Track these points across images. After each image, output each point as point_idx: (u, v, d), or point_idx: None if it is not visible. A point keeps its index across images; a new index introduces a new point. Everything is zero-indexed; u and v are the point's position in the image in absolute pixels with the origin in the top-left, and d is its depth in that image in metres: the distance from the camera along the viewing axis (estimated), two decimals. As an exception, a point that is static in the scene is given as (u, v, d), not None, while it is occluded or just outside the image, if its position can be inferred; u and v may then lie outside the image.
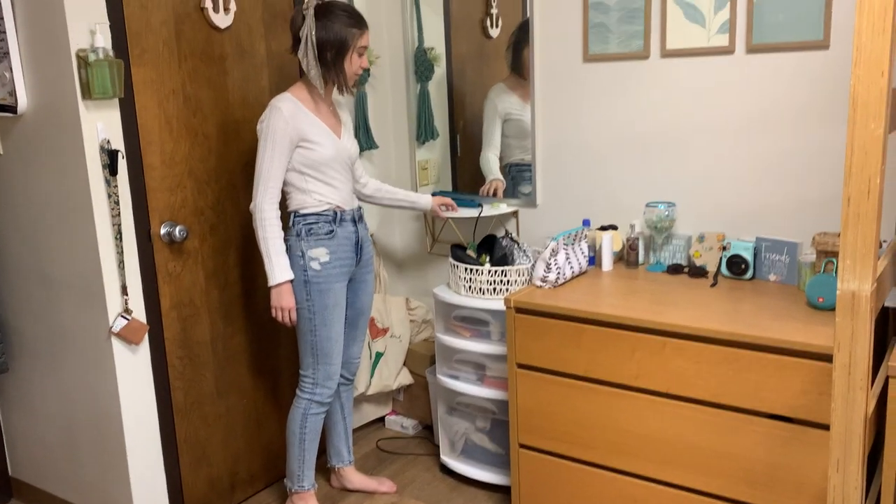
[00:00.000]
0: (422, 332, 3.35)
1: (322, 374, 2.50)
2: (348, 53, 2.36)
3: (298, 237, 2.40)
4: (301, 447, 2.55)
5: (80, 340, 2.43)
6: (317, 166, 2.38)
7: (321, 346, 2.47)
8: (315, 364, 2.49)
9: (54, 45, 2.17)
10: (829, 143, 2.36)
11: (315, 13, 2.31)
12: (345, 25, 2.34)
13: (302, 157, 2.36)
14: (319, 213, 2.41)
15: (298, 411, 2.53)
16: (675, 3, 2.52)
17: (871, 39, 1.37)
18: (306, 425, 2.53)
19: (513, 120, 2.96)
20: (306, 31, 2.31)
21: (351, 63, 2.39)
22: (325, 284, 2.42)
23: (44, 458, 2.73)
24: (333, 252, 2.43)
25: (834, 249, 2.17)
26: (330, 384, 2.52)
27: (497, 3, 2.95)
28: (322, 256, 2.41)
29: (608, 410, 2.26)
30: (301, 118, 2.34)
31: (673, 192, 2.67)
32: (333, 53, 2.35)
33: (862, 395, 1.51)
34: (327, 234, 2.41)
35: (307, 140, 2.34)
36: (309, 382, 2.51)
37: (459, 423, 2.87)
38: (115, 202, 2.27)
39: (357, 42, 2.37)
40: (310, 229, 2.40)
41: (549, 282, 2.48)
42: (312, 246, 2.40)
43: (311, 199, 2.40)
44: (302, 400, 2.53)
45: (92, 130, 2.21)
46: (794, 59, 2.37)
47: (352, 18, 2.36)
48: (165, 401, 2.51)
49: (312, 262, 2.39)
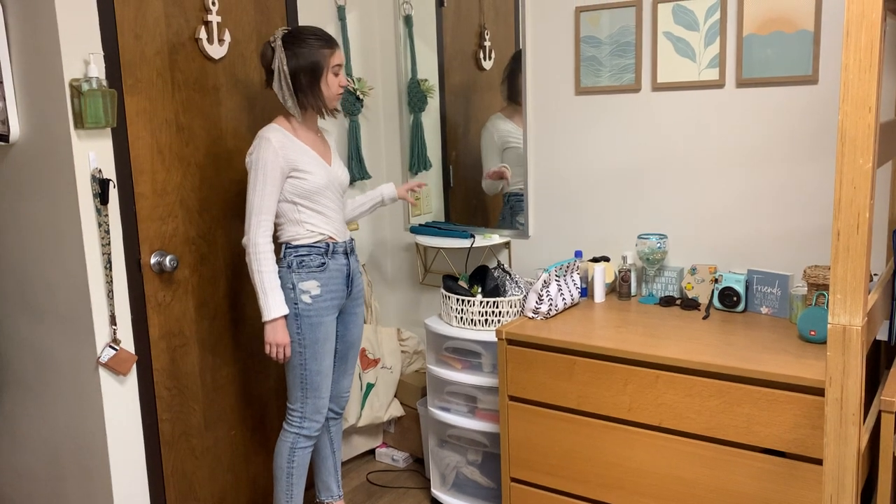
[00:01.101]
0: (413, 363, 3.33)
1: (310, 408, 2.47)
2: (323, 75, 2.35)
3: (290, 269, 2.37)
4: (289, 481, 2.51)
5: (67, 370, 2.40)
6: (309, 195, 2.36)
7: (311, 380, 2.44)
8: (304, 398, 2.45)
9: (48, 74, 2.18)
10: (820, 176, 2.38)
11: (283, 43, 2.32)
12: (315, 48, 2.33)
13: (293, 188, 2.34)
14: (311, 245, 2.39)
15: (286, 445, 2.50)
16: (665, 37, 2.55)
17: (857, 75, 1.39)
18: (294, 459, 2.49)
19: (511, 148, 2.98)
20: (277, 62, 2.32)
21: (328, 84, 2.37)
22: (315, 318, 2.39)
23: (28, 490, 2.68)
24: (325, 285, 2.40)
25: (825, 282, 2.17)
26: (318, 418, 2.49)
27: (490, 37, 2.98)
28: (313, 289, 2.38)
29: (600, 444, 2.24)
30: (291, 147, 2.33)
31: (665, 225, 2.67)
32: (309, 78, 2.33)
33: (854, 430, 1.49)
34: (319, 267, 2.39)
35: (298, 170, 2.33)
36: (297, 416, 2.48)
37: (451, 457, 2.84)
38: (105, 231, 2.26)
39: (330, 61, 2.35)
40: (301, 261, 2.37)
41: (541, 313, 2.47)
42: (304, 279, 2.37)
43: (303, 229, 2.38)
44: (289, 434, 2.49)
45: (84, 160, 2.21)
46: (783, 93, 2.40)
47: (321, 40, 2.35)
48: (153, 433, 2.48)
49: (303, 296, 2.37)
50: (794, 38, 2.34)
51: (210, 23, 2.52)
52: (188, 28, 2.48)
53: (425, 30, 3.14)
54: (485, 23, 2.98)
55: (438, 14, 3.10)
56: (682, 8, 2.50)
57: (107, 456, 2.36)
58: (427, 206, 3.29)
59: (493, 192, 2.75)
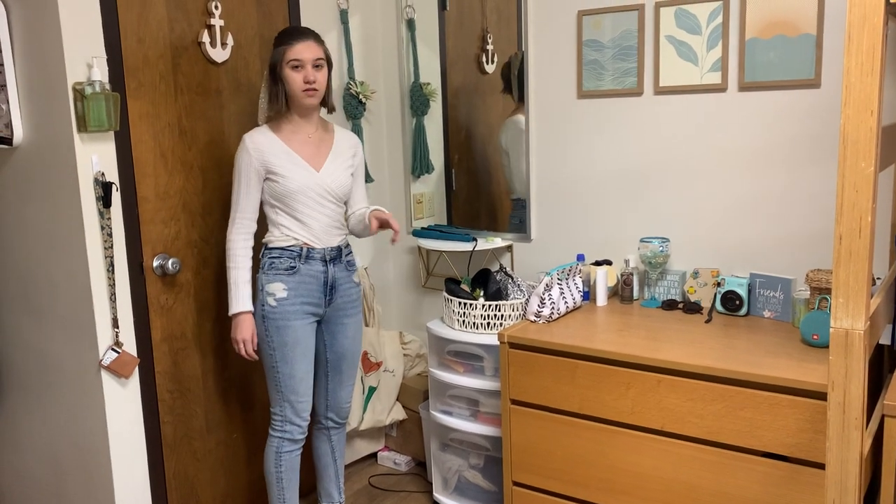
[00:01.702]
0: (415, 366, 3.33)
1: (289, 411, 2.44)
2: (280, 71, 2.33)
3: (262, 270, 2.39)
4: (279, 486, 2.50)
5: (70, 373, 2.41)
6: (282, 199, 2.36)
7: (285, 383, 2.42)
8: (281, 401, 2.44)
9: (51, 77, 2.18)
10: (822, 180, 2.37)
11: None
12: (274, 47, 2.36)
13: (269, 189, 2.37)
14: (284, 248, 2.38)
15: (271, 450, 2.48)
16: (667, 41, 2.55)
17: (859, 79, 1.39)
18: (281, 464, 2.48)
19: None
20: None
21: (287, 80, 2.33)
22: (281, 321, 2.37)
23: (30, 493, 2.68)
24: (292, 289, 2.37)
25: (828, 286, 2.16)
26: (298, 421, 2.46)
27: (492, 40, 2.98)
28: (278, 292, 2.37)
29: (602, 447, 2.24)
30: (268, 150, 2.33)
31: (667, 228, 2.67)
32: (273, 78, 2.36)
33: (857, 435, 1.49)
34: (287, 270, 2.37)
35: (272, 172, 2.34)
36: (278, 420, 2.46)
37: (453, 460, 2.83)
38: (108, 234, 2.26)
39: (286, 56, 2.32)
40: (272, 263, 2.38)
41: (544, 317, 2.47)
42: (271, 280, 2.37)
43: (278, 231, 2.39)
44: (274, 438, 2.48)
45: (87, 163, 2.21)
46: (785, 97, 2.39)
47: (281, 35, 2.37)
48: (155, 436, 2.48)
49: (269, 298, 2.37)
50: (797, 41, 2.34)
51: (213, 26, 2.53)
52: (191, 32, 2.48)
53: (428, 33, 3.14)
54: (487, 26, 2.99)
55: (441, 17, 3.10)
56: (685, 12, 2.50)
57: (108, 458, 2.36)
58: (429, 209, 3.29)
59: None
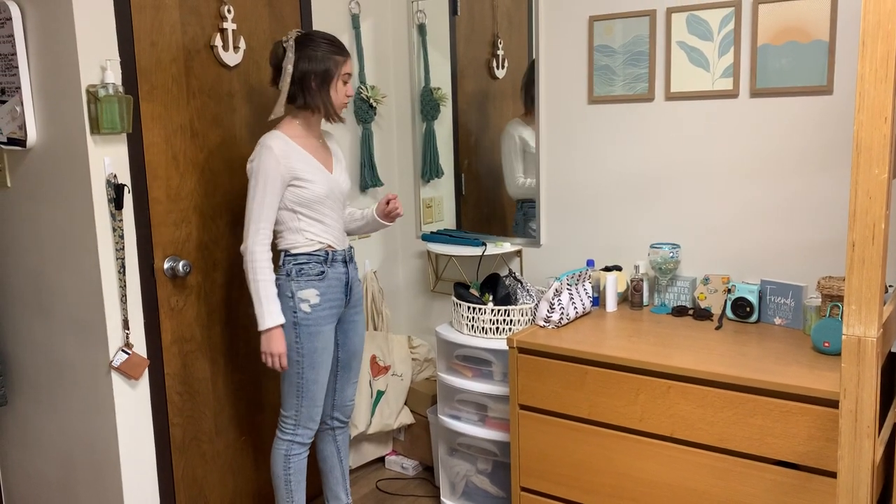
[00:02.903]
0: (424, 370, 3.32)
1: (305, 416, 2.44)
2: (333, 81, 2.34)
3: (289, 277, 2.35)
4: (287, 489, 2.50)
5: (80, 374, 2.42)
6: (309, 204, 2.34)
7: (307, 389, 2.41)
8: (298, 406, 2.43)
9: (65, 80, 2.20)
10: (834, 187, 2.37)
11: (296, 44, 2.31)
12: (328, 53, 2.32)
13: (294, 196, 2.32)
14: (311, 254, 2.37)
15: (280, 453, 2.47)
16: (679, 46, 2.55)
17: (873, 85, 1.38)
18: (290, 466, 2.47)
19: (530, 153, 2.97)
20: (286, 63, 2.31)
21: (337, 91, 2.36)
22: (314, 327, 2.37)
23: (40, 493, 2.69)
24: (323, 294, 2.38)
25: (839, 293, 2.15)
26: (312, 425, 2.47)
27: (503, 45, 2.99)
28: (312, 298, 2.36)
29: (611, 454, 2.23)
30: (293, 156, 2.31)
31: (678, 234, 2.66)
32: (318, 82, 2.32)
33: (869, 443, 1.48)
34: (318, 276, 2.36)
35: (299, 178, 2.31)
36: (290, 424, 2.45)
37: (461, 465, 2.83)
38: (119, 236, 2.27)
39: (341, 69, 2.35)
40: (300, 269, 2.35)
41: (553, 322, 2.47)
42: (303, 287, 2.35)
43: (302, 238, 2.36)
44: (283, 441, 2.47)
45: (99, 165, 2.23)
46: (797, 103, 2.39)
47: (334, 46, 2.35)
48: (164, 437, 2.49)
49: (302, 304, 2.34)
50: (809, 48, 2.33)
51: (225, 30, 2.54)
52: (204, 35, 2.49)
53: (439, 38, 3.15)
54: (498, 31, 2.99)
55: (452, 23, 3.11)
56: (697, 17, 2.50)
57: (118, 459, 2.37)
58: (438, 213, 3.29)
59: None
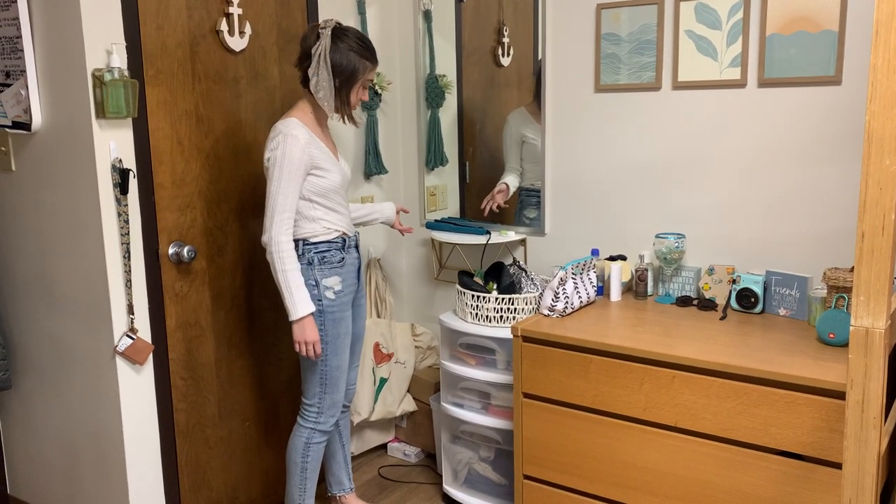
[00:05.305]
0: (427, 358, 3.33)
1: (328, 403, 2.47)
2: (356, 84, 2.34)
3: (311, 266, 2.35)
4: (302, 476, 2.51)
5: (85, 359, 2.42)
6: (326, 194, 2.35)
7: (330, 376, 2.44)
8: (322, 393, 2.45)
9: (70, 64, 2.19)
10: (841, 178, 2.36)
11: (333, 34, 2.28)
12: (358, 56, 2.30)
13: (313, 186, 2.32)
14: (331, 241, 2.38)
15: (300, 440, 2.49)
16: (687, 35, 2.53)
17: (886, 76, 1.37)
18: (308, 454, 2.49)
19: (528, 143, 2.97)
20: (320, 49, 2.26)
21: (356, 94, 2.37)
22: (338, 313, 2.40)
23: (43, 478, 2.70)
24: (344, 280, 2.42)
25: (845, 285, 2.15)
26: (334, 412, 2.49)
27: (509, 33, 2.97)
28: (336, 285, 2.39)
29: (615, 443, 2.24)
30: (315, 145, 2.31)
31: (683, 224, 2.66)
32: (342, 80, 2.31)
33: (875, 434, 1.48)
34: (339, 263, 2.40)
35: (319, 168, 2.31)
36: (314, 412, 2.47)
37: (463, 452, 2.84)
38: (124, 221, 2.27)
39: (367, 75, 2.35)
40: (323, 258, 2.36)
41: (557, 311, 2.47)
42: (327, 275, 2.36)
43: (320, 227, 2.36)
44: (304, 429, 2.49)
45: (104, 149, 2.22)
46: (805, 93, 2.38)
47: (367, 50, 2.33)
48: (168, 422, 2.49)
49: (327, 292, 2.37)
50: (818, 38, 2.32)
51: (231, 15, 2.53)
52: (209, 20, 2.48)
53: (444, 25, 3.13)
54: (504, 19, 2.98)
55: (457, 10, 3.09)
56: (705, 6, 2.49)
57: (122, 444, 2.37)
58: (443, 201, 3.28)
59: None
